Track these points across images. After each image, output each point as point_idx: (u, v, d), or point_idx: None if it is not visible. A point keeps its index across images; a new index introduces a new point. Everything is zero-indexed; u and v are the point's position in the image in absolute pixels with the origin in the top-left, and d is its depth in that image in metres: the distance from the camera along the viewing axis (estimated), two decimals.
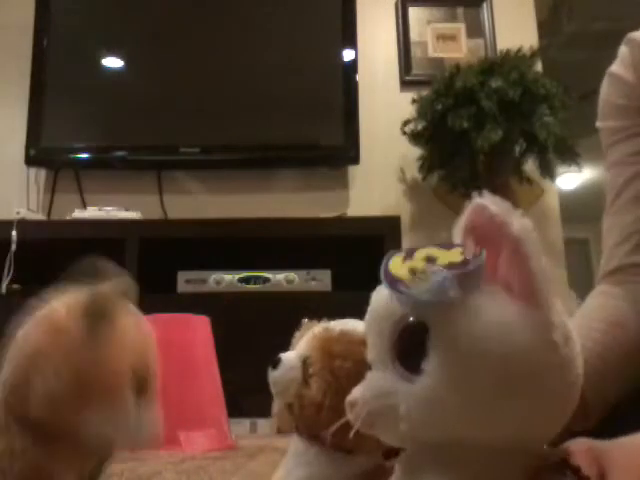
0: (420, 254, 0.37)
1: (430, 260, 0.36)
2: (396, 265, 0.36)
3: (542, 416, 0.35)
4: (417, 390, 0.35)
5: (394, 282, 0.35)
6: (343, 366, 0.54)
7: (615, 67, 0.81)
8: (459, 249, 0.37)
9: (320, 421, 0.53)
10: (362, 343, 0.53)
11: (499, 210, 0.36)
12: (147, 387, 0.50)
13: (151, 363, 0.52)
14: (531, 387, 0.34)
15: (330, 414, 0.51)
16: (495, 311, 0.34)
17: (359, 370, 0.41)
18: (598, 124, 0.83)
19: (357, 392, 0.38)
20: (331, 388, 0.54)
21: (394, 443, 0.40)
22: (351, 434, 0.38)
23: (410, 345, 0.36)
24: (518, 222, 0.35)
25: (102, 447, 0.48)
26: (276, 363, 0.58)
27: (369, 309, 0.40)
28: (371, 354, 0.39)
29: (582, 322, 0.70)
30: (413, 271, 0.35)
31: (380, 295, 0.39)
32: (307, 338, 0.59)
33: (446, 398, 0.34)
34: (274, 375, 0.58)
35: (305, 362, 0.57)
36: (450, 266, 0.35)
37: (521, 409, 0.34)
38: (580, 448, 0.42)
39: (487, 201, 0.37)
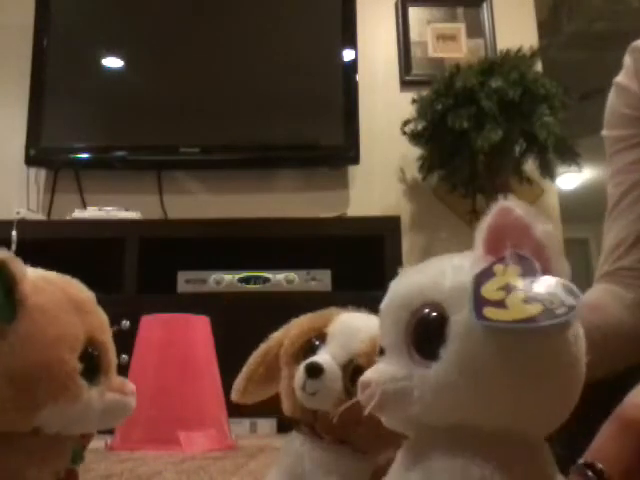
0: (495, 284, 0.36)
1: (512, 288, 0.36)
2: (493, 294, 0.35)
3: (549, 409, 0.37)
4: (432, 374, 0.36)
5: (529, 321, 0.34)
6: None
7: (620, 77, 0.82)
8: (509, 267, 0.37)
9: (362, 432, 0.52)
10: None
11: (524, 213, 0.37)
12: (101, 363, 0.44)
13: (98, 334, 0.45)
14: (541, 381, 0.35)
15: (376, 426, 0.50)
16: None
17: None
18: (604, 133, 0.84)
19: (370, 374, 0.39)
20: None
21: (399, 427, 0.40)
22: (365, 412, 0.38)
23: (427, 333, 0.37)
24: (541, 226, 0.37)
25: (69, 438, 0.45)
26: (317, 372, 0.52)
27: (387, 297, 0.41)
28: (386, 340, 0.40)
29: None
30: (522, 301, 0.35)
31: (399, 284, 0.40)
32: (345, 341, 0.55)
33: (460, 384, 0.35)
34: (316, 386, 0.52)
35: (346, 369, 0.53)
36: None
37: (529, 400, 0.35)
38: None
39: (512, 204, 0.37)
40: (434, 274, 0.38)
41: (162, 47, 2.49)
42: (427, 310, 0.37)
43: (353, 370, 0.53)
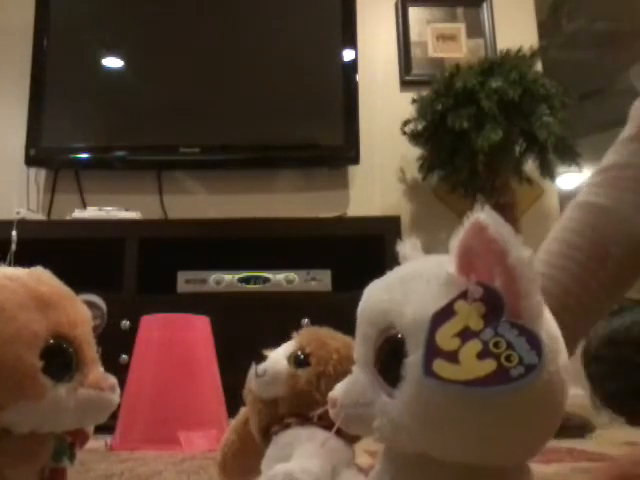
0: (453, 328, 0.33)
1: (468, 332, 0.33)
2: (447, 342, 0.33)
3: (510, 451, 0.35)
4: (390, 409, 0.35)
5: (489, 381, 0.31)
6: (337, 346, 0.57)
7: None
8: (470, 306, 0.34)
9: (316, 399, 0.55)
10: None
11: (498, 235, 0.33)
12: (71, 359, 0.43)
13: (67, 329, 0.43)
14: (497, 432, 0.33)
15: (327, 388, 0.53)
16: None
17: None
18: None
19: (338, 391, 0.39)
20: (331, 361, 0.56)
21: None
22: (332, 431, 0.39)
23: (388, 363, 0.36)
24: (516, 253, 0.33)
25: (48, 437, 0.44)
26: (261, 358, 0.59)
27: (360, 307, 0.39)
28: (356, 354, 0.39)
29: (563, 250, 0.72)
30: (478, 355, 0.32)
31: (370, 297, 0.39)
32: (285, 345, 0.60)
33: (412, 427, 0.34)
34: (262, 367, 0.58)
35: (289, 357, 0.58)
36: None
37: (485, 446, 0.34)
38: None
39: (488, 221, 0.33)
40: (399, 299, 0.36)
41: (162, 47, 2.49)
42: (391, 333, 0.36)
43: (297, 356, 0.58)
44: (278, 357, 0.58)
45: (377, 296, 0.38)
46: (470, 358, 0.32)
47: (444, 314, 0.33)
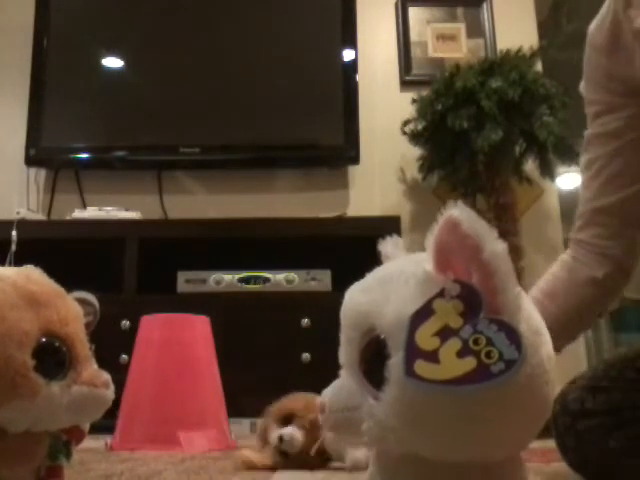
0: (432, 327, 0.33)
1: (449, 330, 0.33)
2: (427, 342, 0.32)
3: (495, 447, 0.35)
4: (376, 412, 0.35)
5: (471, 378, 0.31)
6: None
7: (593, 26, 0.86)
8: (448, 304, 0.33)
9: None
10: None
11: (472, 231, 0.33)
12: (64, 356, 0.43)
13: (58, 327, 0.43)
14: (480, 428, 0.33)
15: None
16: None
17: None
18: (582, 89, 0.89)
19: (327, 395, 0.39)
20: None
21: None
22: (322, 435, 0.40)
23: (374, 360, 0.36)
24: (490, 248, 0.32)
25: (43, 435, 0.44)
26: None
27: (342, 310, 0.40)
28: (342, 357, 0.39)
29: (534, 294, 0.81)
30: (458, 353, 0.32)
31: (350, 299, 0.39)
32: None
33: (398, 427, 0.34)
34: None
35: None
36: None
37: (470, 443, 0.34)
38: None
39: (461, 217, 0.33)
40: (379, 300, 0.36)
41: (162, 47, 2.49)
42: (374, 335, 0.36)
43: None
44: None
45: (357, 299, 0.38)
46: (450, 357, 0.32)
47: (423, 314, 0.33)
